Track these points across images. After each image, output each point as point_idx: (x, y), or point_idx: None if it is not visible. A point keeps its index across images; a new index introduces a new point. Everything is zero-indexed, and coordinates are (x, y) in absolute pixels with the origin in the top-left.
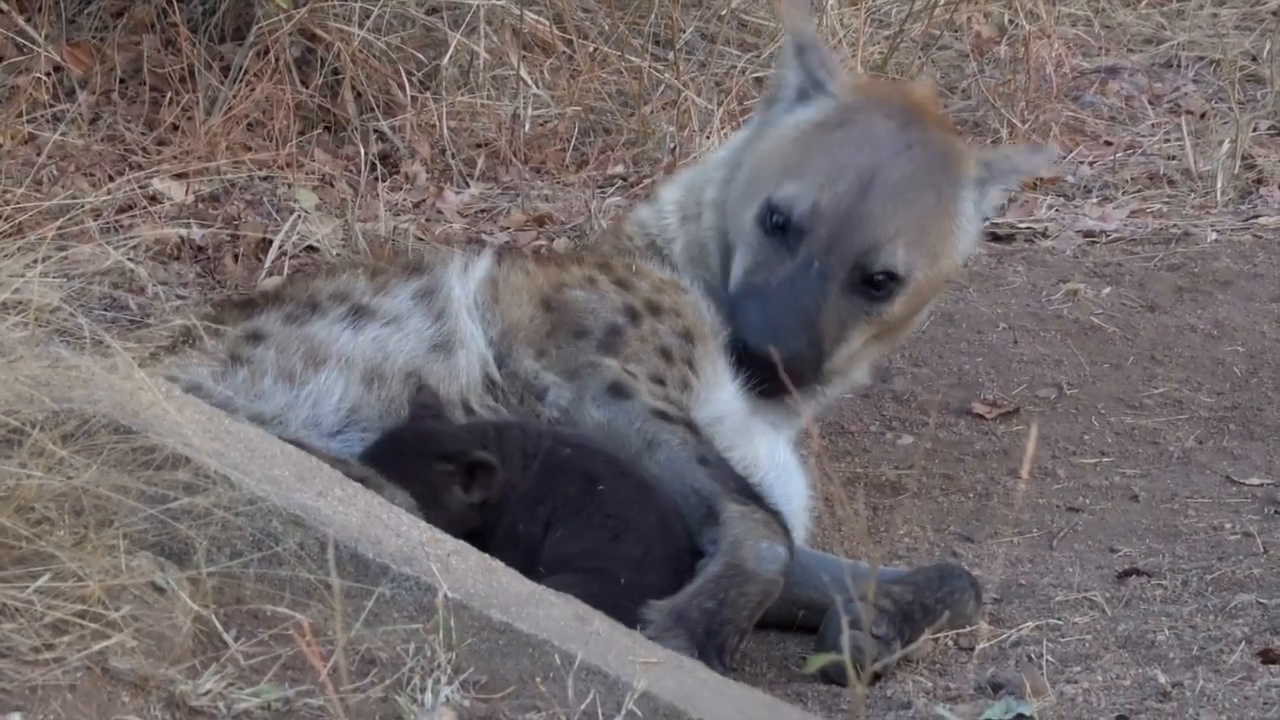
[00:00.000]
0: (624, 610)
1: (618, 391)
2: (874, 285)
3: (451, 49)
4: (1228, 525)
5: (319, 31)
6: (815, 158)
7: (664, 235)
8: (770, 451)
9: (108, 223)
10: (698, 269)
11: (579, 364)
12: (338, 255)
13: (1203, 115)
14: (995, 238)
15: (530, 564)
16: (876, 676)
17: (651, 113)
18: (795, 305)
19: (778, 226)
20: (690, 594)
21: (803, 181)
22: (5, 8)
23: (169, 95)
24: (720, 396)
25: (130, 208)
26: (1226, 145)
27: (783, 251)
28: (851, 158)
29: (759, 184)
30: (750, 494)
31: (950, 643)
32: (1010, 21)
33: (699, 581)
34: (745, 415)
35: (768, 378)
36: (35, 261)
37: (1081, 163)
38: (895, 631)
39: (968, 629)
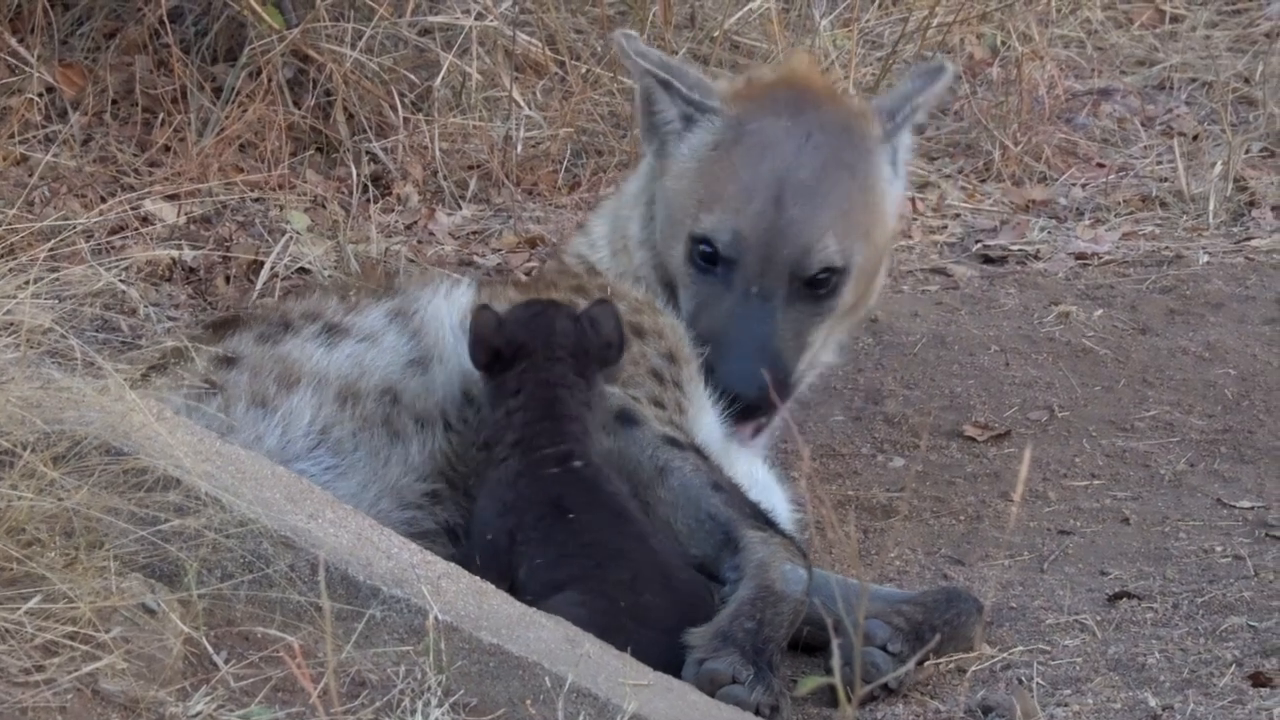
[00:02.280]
0: (627, 632)
1: (627, 419)
2: (816, 285)
3: (444, 70)
4: (1219, 548)
5: (311, 53)
6: (723, 183)
7: (600, 266)
8: (749, 469)
9: (99, 244)
10: None
11: None
12: (329, 277)
13: (1195, 137)
14: (987, 259)
15: (503, 574)
16: (890, 691)
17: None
18: (750, 340)
19: (707, 259)
20: (729, 616)
21: (716, 211)
22: None
23: (161, 116)
24: (706, 420)
25: (122, 229)
26: (1219, 167)
27: (719, 286)
28: (756, 173)
29: (677, 222)
30: (765, 519)
31: (941, 665)
32: (1003, 43)
33: (734, 605)
34: (724, 436)
35: (748, 413)
36: (27, 283)
37: (1074, 185)
38: (910, 649)
39: (972, 653)
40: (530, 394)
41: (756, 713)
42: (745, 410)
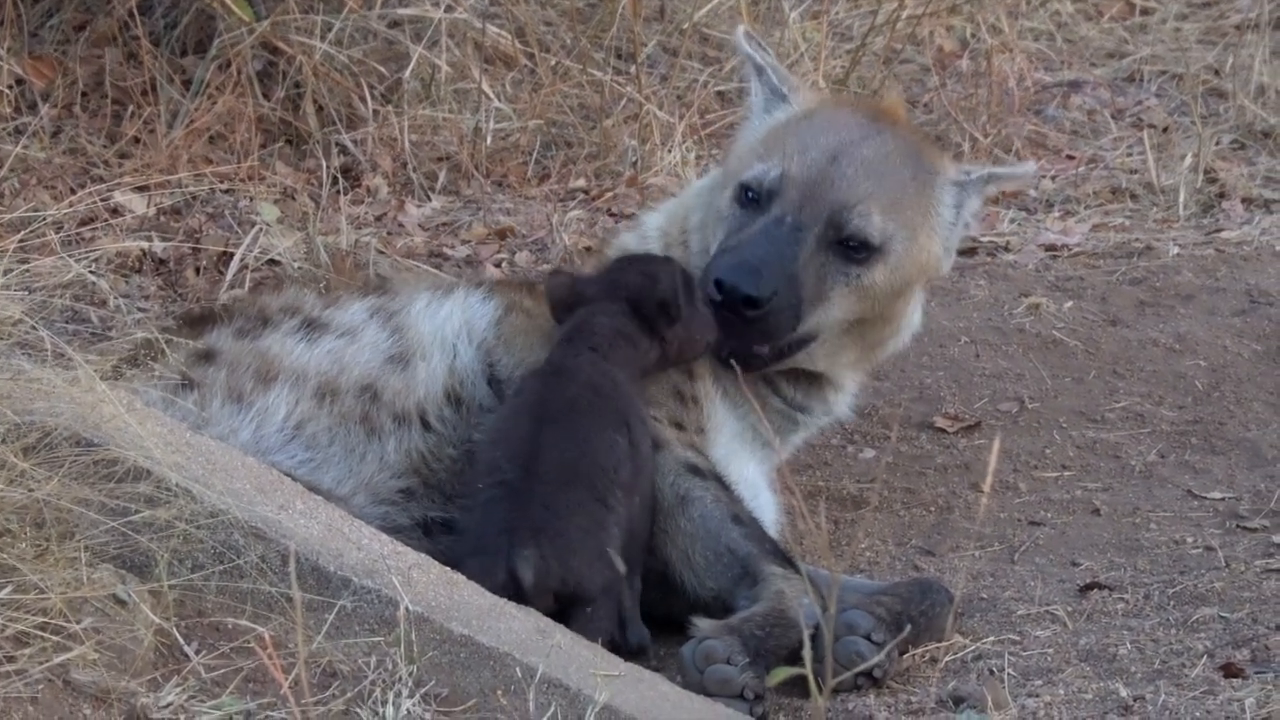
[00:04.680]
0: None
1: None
2: (851, 248)
3: (413, 62)
4: (1189, 539)
5: (281, 45)
6: (783, 141)
7: None
8: (740, 468)
9: (69, 235)
10: None
11: None
12: (299, 268)
13: (1165, 129)
14: (957, 251)
15: None
16: (875, 681)
17: (613, 126)
18: (771, 251)
19: (752, 200)
20: (740, 619)
21: (769, 160)
22: None
23: (131, 108)
24: (722, 439)
25: (92, 220)
26: (1189, 159)
27: (756, 216)
28: (818, 138)
29: (731, 175)
30: (784, 557)
31: (915, 655)
32: (973, 35)
33: (747, 613)
34: (731, 439)
35: (740, 324)
36: None
37: (1044, 177)
38: (891, 639)
39: (944, 643)
40: (575, 323)
41: (740, 696)
42: (725, 316)
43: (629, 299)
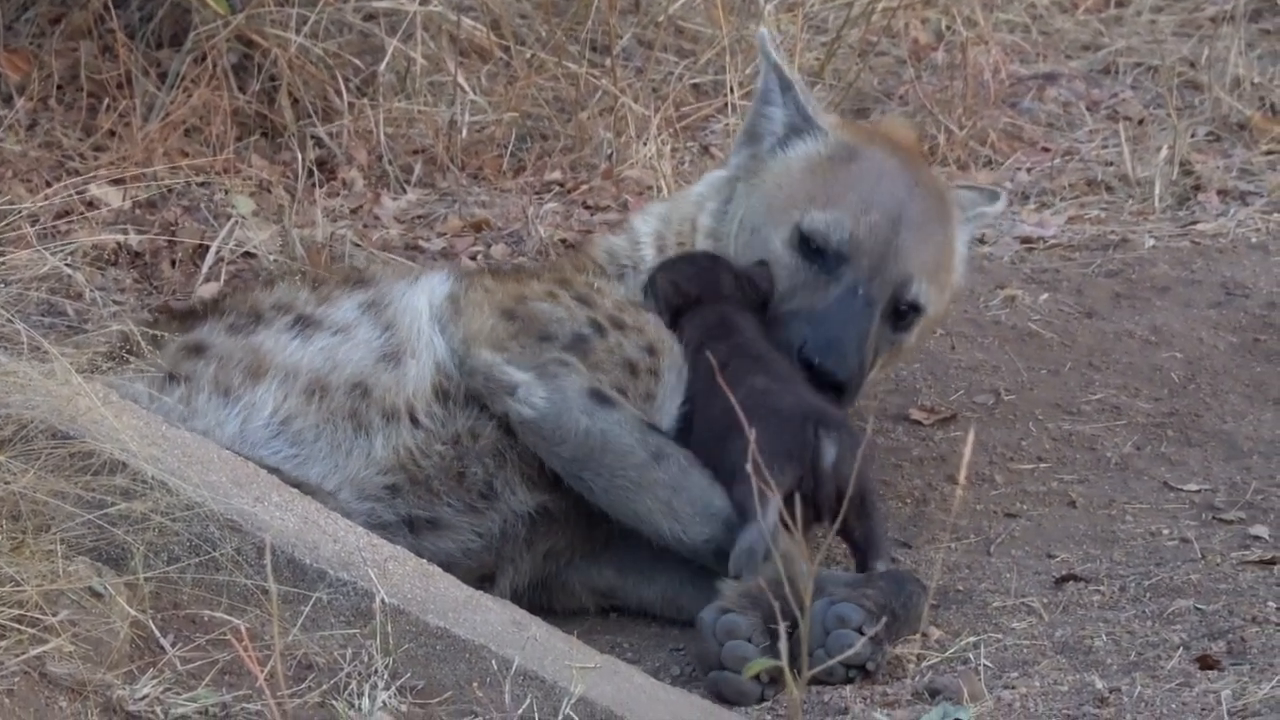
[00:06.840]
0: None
1: (601, 399)
2: (900, 315)
3: (389, 55)
4: (1165, 531)
5: (256, 38)
6: (839, 188)
7: (639, 266)
8: None
9: (45, 228)
10: None
11: (544, 360)
12: (275, 261)
13: (1140, 121)
14: None
15: None
16: (868, 674)
17: (588, 119)
18: (850, 328)
19: (815, 251)
20: (760, 587)
21: (834, 210)
22: None
23: (106, 101)
24: (672, 405)
25: (68, 213)
26: (1164, 151)
27: (824, 276)
28: (874, 191)
29: (781, 211)
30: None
31: (911, 649)
32: (948, 28)
33: (763, 580)
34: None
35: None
36: None
37: (1019, 169)
38: (884, 632)
39: (917, 635)
40: (705, 318)
41: (756, 678)
42: (825, 389)
43: (738, 298)
